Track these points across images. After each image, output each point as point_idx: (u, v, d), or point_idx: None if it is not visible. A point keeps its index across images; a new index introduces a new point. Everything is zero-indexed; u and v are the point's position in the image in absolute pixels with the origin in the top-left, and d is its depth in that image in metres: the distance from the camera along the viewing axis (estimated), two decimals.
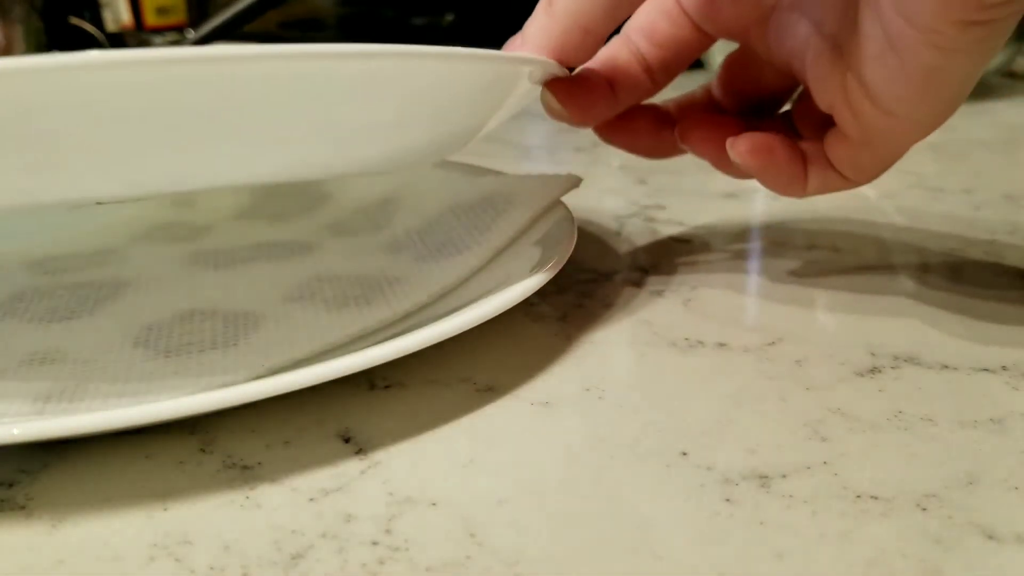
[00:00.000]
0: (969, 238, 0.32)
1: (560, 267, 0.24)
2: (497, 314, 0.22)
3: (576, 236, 0.26)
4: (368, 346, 0.20)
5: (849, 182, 0.25)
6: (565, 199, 0.30)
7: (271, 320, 0.24)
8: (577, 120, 0.25)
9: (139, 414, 0.18)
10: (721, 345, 0.24)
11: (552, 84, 0.25)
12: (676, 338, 0.25)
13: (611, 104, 0.26)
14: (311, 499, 0.18)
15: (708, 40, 0.26)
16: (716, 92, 0.28)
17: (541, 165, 0.47)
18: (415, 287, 0.26)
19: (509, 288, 0.23)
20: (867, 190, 0.39)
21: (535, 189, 0.29)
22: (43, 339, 0.24)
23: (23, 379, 0.21)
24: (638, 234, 0.34)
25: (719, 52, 0.65)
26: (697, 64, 0.68)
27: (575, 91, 0.25)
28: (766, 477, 0.18)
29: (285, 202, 0.35)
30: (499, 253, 0.27)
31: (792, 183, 0.25)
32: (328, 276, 0.27)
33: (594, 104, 0.25)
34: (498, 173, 0.31)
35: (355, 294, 0.26)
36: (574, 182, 0.29)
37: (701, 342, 0.24)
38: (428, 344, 0.21)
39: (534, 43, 0.23)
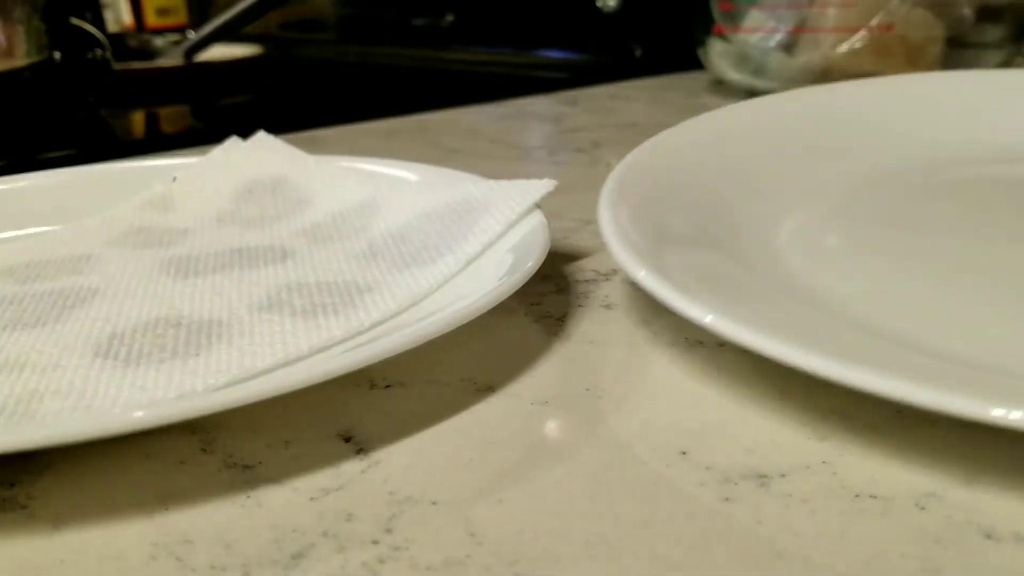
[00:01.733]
0: None
1: (530, 275, 0.24)
2: (463, 322, 0.22)
3: (549, 242, 0.26)
4: (359, 345, 0.20)
5: None
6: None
7: (236, 330, 0.24)
8: None
9: (138, 420, 0.18)
10: (721, 345, 0.24)
11: None
12: (676, 338, 0.25)
13: None
14: (312, 498, 0.18)
15: None
16: None
17: (541, 165, 0.47)
18: (386, 296, 0.26)
19: (477, 297, 0.23)
20: None
21: (511, 195, 0.29)
22: (4, 347, 0.24)
23: None
24: None
25: (719, 56, 0.65)
26: (697, 65, 0.69)
27: None
28: (765, 476, 0.18)
29: (265, 206, 0.35)
30: (472, 262, 0.27)
31: None
32: (299, 284, 0.27)
33: None
34: (476, 179, 0.32)
35: (324, 303, 0.26)
36: (548, 187, 0.30)
37: (701, 342, 0.24)
38: (414, 345, 0.21)
39: None
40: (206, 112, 0.71)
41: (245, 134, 0.39)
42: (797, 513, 0.17)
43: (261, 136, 0.39)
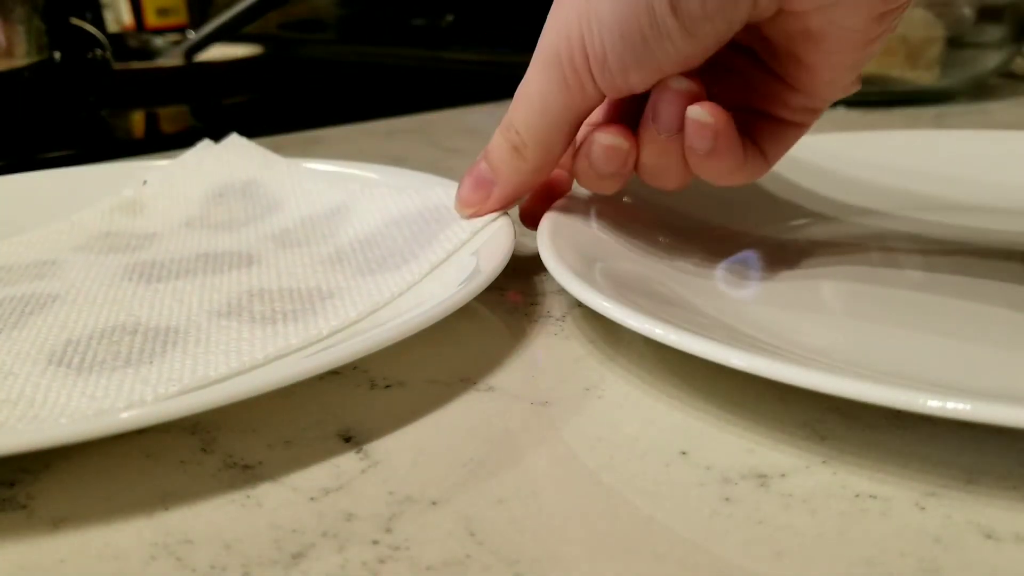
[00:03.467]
0: None
1: (492, 279, 0.24)
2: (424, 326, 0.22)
3: (512, 246, 0.26)
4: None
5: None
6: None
7: (192, 337, 0.24)
8: (532, 228, 0.28)
9: (135, 419, 0.18)
10: None
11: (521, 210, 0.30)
12: None
13: (562, 193, 0.30)
14: (312, 498, 0.18)
15: None
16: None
17: None
18: (347, 303, 0.26)
19: (433, 304, 0.23)
20: None
21: None
22: None
23: None
24: None
25: None
26: None
27: (533, 211, 0.29)
28: (765, 476, 0.18)
29: (234, 210, 0.35)
30: (436, 268, 0.27)
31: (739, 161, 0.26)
32: (261, 290, 0.27)
33: (550, 201, 0.29)
34: (448, 184, 0.32)
35: (285, 310, 0.25)
36: None
37: None
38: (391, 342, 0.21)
39: (508, 181, 0.27)
40: (206, 112, 0.71)
41: (245, 134, 0.39)
42: (797, 513, 0.17)
43: (234, 139, 0.39)
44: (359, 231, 0.31)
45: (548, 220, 0.28)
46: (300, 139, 0.55)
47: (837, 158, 0.36)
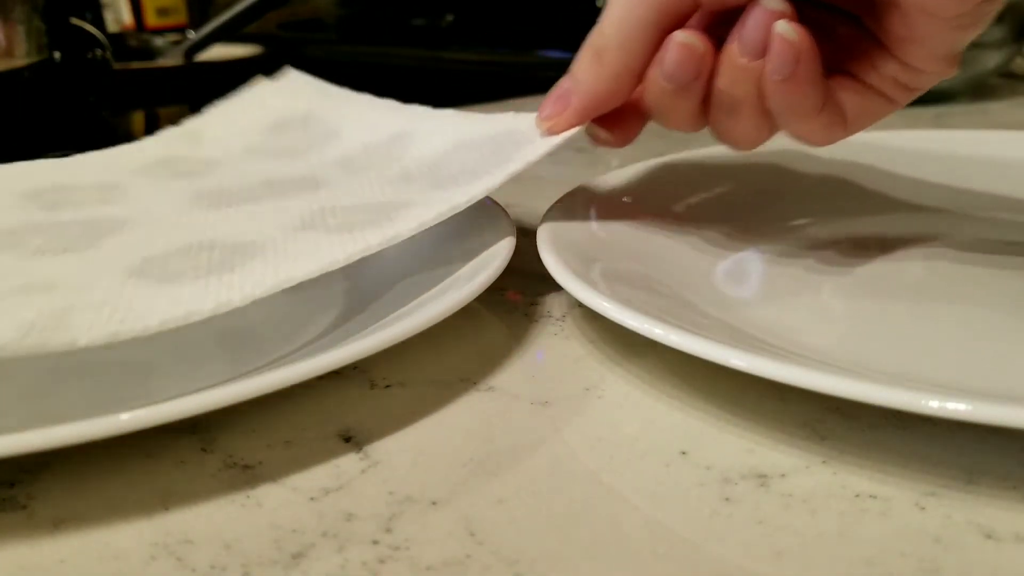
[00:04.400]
0: None
1: (493, 279, 0.24)
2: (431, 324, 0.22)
3: (513, 246, 0.26)
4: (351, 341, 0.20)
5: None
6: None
7: (270, 249, 0.24)
8: (620, 144, 0.28)
9: (137, 419, 0.18)
10: None
11: (597, 120, 0.28)
12: None
13: (643, 121, 0.28)
14: (312, 498, 0.18)
15: None
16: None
17: (541, 165, 0.47)
18: (423, 209, 0.25)
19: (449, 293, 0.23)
20: None
21: None
22: (33, 272, 0.23)
23: (7, 310, 0.21)
24: None
25: None
26: None
27: (617, 122, 0.28)
28: (765, 476, 0.18)
29: (295, 139, 0.34)
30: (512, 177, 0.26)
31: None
32: (333, 208, 0.27)
33: (632, 127, 0.28)
34: (518, 114, 0.31)
35: (361, 220, 0.25)
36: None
37: None
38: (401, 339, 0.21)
39: (588, 88, 0.26)
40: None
41: None
42: (797, 513, 0.17)
43: (290, 73, 0.38)
44: (425, 154, 0.31)
45: (548, 220, 0.28)
46: None
47: (837, 158, 0.36)
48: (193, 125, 0.36)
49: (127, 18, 1.14)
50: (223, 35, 0.79)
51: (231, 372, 0.22)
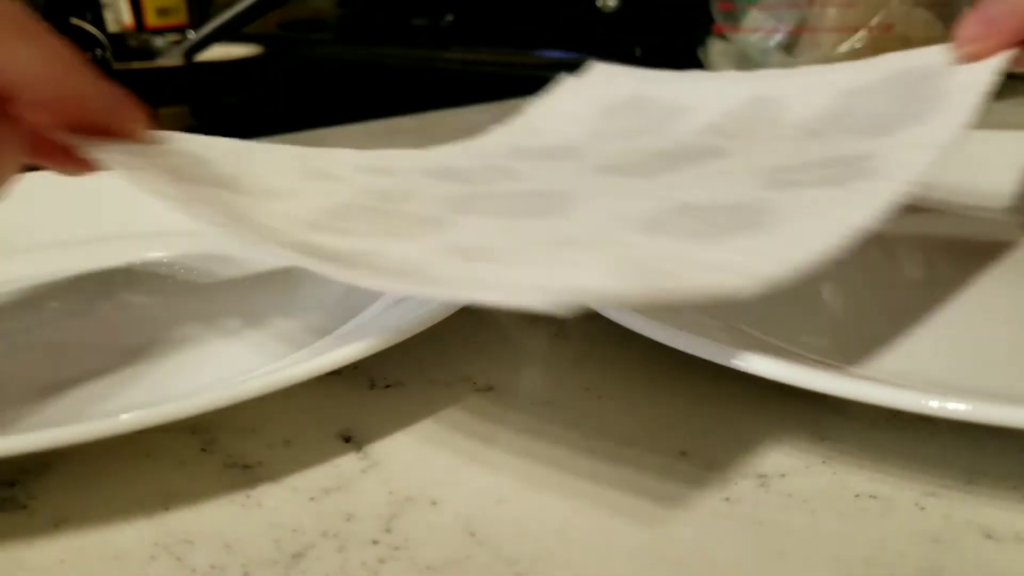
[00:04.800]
0: None
1: None
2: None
3: None
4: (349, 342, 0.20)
5: None
6: None
7: (771, 208, 0.22)
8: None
9: (137, 420, 0.18)
10: None
11: None
12: None
13: None
14: (312, 498, 0.18)
15: None
16: None
17: None
18: (910, 152, 0.23)
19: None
20: None
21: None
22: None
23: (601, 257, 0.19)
24: None
25: (719, 56, 0.65)
26: (697, 65, 0.69)
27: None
28: (765, 476, 0.18)
29: (637, 120, 0.33)
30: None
31: None
32: (781, 167, 0.25)
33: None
34: (903, 53, 0.30)
35: (839, 174, 0.23)
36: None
37: None
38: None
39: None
40: (206, 112, 0.71)
41: (245, 134, 0.39)
42: (797, 513, 0.17)
43: (595, 65, 0.36)
44: (815, 108, 0.29)
45: None
46: (300, 139, 0.55)
47: None
48: (518, 123, 0.34)
49: (127, 18, 1.14)
50: (223, 35, 0.79)
51: (232, 371, 0.23)
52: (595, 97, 0.35)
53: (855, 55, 0.56)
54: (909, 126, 0.25)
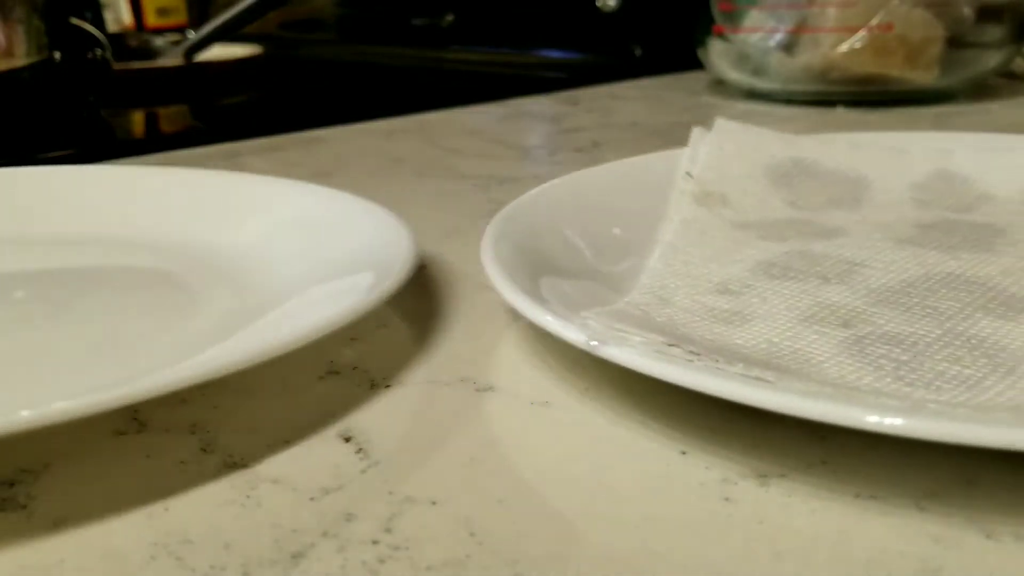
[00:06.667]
0: None
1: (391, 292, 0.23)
2: None
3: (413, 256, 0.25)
4: None
5: None
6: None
7: None
8: None
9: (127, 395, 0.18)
10: None
11: None
12: None
13: None
14: (311, 498, 0.18)
15: None
16: None
17: (541, 165, 0.47)
18: None
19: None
20: None
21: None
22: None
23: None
24: None
25: (719, 56, 0.65)
26: (697, 65, 0.69)
27: None
28: (765, 476, 0.18)
29: (819, 191, 0.32)
30: None
31: None
32: None
33: None
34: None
35: None
36: None
37: None
38: None
39: None
40: (206, 112, 0.71)
41: (245, 134, 0.39)
42: (797, 513, 0.17)
43: (724, 123, 0.35)
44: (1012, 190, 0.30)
45: (493, 227, 0.26)
46: (300, 139, 0.55)
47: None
48: (696, 187, 0.32)
49: (127, 18, 1.14)
50: (223, 35, 0.79)
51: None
52: (752, 159, 0.34)
53: (855, 55, 0.56)
54: None
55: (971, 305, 0.23)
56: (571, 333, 0.20)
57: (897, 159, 0.33)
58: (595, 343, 0.19)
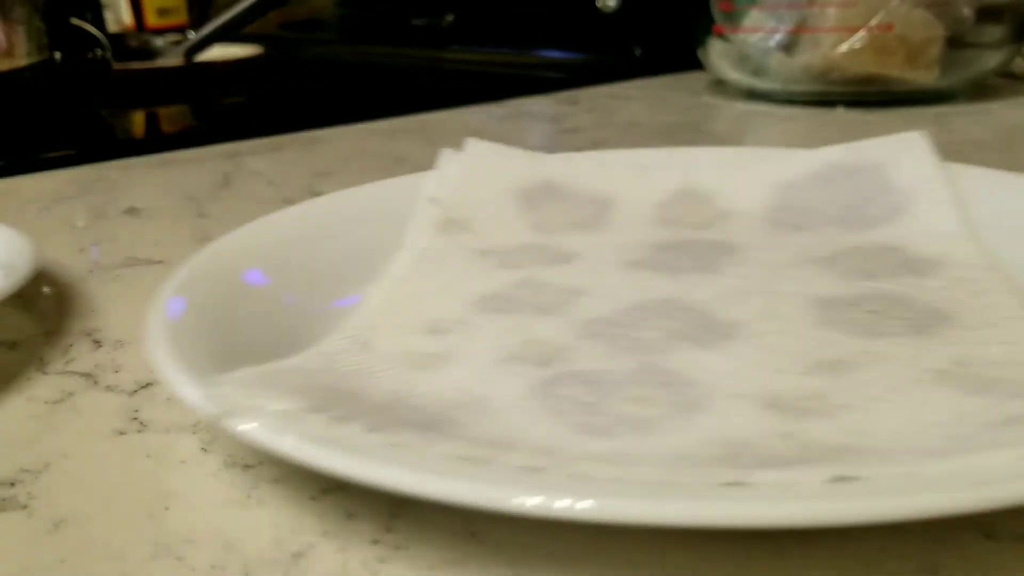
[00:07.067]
0: None
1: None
2: None
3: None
4: None
5: None
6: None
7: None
8: None
9: None
10: None
11: None
12: None
13: None
14: (312, 498, 0.18)
15: None
16: None
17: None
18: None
19: None
20: None
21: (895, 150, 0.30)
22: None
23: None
24: None
25: (719, 56, 0.65)
26: (697, 65, 0.69)
27: None
28: None
29: (563, 212, 0.32)
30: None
31: None
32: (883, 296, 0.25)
33: None
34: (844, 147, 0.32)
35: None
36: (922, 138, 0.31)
37: None
38: None
39: None
40: (206, 112, 0.71)
41: (245, 134, 0.39)
42: None
43: (478, 143, 0.34)
44: (757, 200, 0.31)
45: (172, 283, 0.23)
46: (300, 139, 0.55)
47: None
48: (442, 212, 0.31)
49: (127, 18, 1.14)
50: (223, 35, 0.79)
51: None
52: (501, 182, 0.33)
53: (855, 55, 0.56)
54: (895, 219, 0.28)
55: (676, 334, 0.23)
56: (204, 404, 0.17)
57: (643, 177, 0.33)
58: (221, 416, 0.17)
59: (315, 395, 0.18)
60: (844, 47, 0.56)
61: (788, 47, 0.59)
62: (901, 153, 0.31)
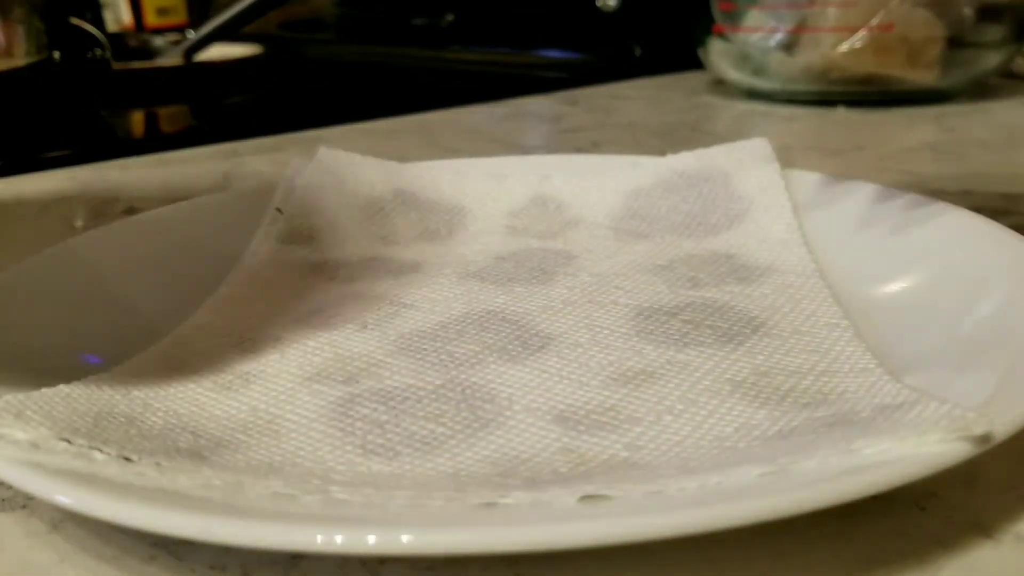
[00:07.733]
0: None
1: None
2: None
3: None
4: None
5: None
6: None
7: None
8: None
9: None
10: None
11: None
12: None
13: None
14: None
15: None
16: None
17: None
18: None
19: None
20: None
21: (739, 158, 0.31)
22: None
23: None
24: None
25: (719, 56, 0.65)
26: (697, 65, 0.69)
27: None
28: None
29: (414, 221, 0.32)
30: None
31: None
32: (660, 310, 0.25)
33: None
34: (658, 158, 0.32)
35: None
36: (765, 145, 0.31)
37: None
38: None
39: None
40: (206, 112, 0.71)
41: (245, 134, 0.39)
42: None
43: (322, 151, 0.34)
44: (611, 208, 0.32)
45: None
46: (300, 139, 0.55)
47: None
48: (288, 223, 0.31)
49: (127, 18, 1.14)
50: (223, 35, 0.79)
51: None
52: (350, 192, 0.33)
53: (855, 55, 0.56)
54: (736, 225, 0.29)
55: (490, 348, 0.23)
56: None
57: (498, 186, 0.33)
58: None
59: (78, 421, 0.18)
60: (844, 47, 0.56)
61: (788, 47, 0.59)
62: (747, 161, 0.31)
